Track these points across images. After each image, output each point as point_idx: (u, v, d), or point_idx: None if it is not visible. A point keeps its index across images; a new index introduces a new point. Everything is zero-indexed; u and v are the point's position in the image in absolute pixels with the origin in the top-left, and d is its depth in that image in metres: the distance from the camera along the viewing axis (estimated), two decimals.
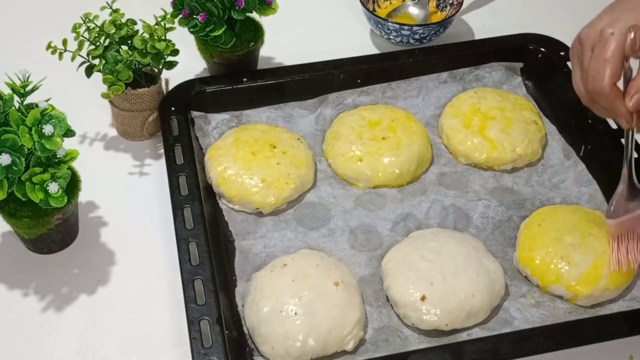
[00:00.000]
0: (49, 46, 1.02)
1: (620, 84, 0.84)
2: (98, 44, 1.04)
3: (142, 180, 1.07)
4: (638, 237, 0.90)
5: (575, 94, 1.10)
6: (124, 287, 0.95)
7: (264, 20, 1.13)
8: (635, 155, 0.91)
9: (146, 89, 1.06)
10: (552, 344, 0.84)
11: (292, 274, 0.90)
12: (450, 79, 1.17)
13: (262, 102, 1.12)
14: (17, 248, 0.98)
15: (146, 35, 1.03)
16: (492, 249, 0.98)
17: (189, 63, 1.16)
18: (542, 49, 1.16)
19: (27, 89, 0.88)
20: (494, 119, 1.08)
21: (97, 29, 1.03)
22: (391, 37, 1.24)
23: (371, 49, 1.28)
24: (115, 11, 1.04)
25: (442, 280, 0.89)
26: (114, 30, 1.03)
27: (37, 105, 0.86)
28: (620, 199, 0.90)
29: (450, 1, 1.28)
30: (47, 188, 0.86)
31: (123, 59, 1.01)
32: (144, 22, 1.04)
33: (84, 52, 1.04)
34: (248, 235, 0.99)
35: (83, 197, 0.98)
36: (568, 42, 1.17)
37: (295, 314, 0.86)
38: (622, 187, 0.90)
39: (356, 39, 1.30)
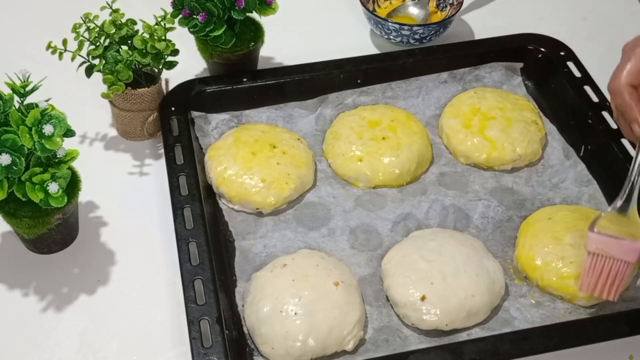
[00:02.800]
0: (49, 46, 1.02)
1: None
2: (98, 44, 1.04)
3: (142, 180, 1.07)
4: (609, 271, 0.85)
5: (575, 94, 1.10)
6: (124, 287, 0.95)
7: (264, 20, 1.13)
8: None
9: (146, 89, 1.06)
10: (552, 344, 0.84)
11: (292, 274, 0.90)
12: (450, 79, 1.17)
13: (262, 102, 1.12)
14: (17, 248, 0.98)
15: (146, 35, 1.03)
16: (492, 249, 0.98)
17: (189, 63, 1.16)
18: (542, 49, 1.16)
19: (27, 89, 0.88)
20: (494, 119, 1.08)
21: (97, 29, 1.03)
22: (391, 37, 1.24)
23: (371, 49, 1.28)
24: (115, 11, 1.04)
25: (442, 280, 0.89)
26: (114, 30, 1.03)
27: (37, 105, 0.86)
28: (610, 217, 0.86)
29: (450, 1, 1.28)
30: (47, 188, 0.86)
31: (123, 59, 1.01)
32: (144, 22, 1.04)
33: (84, 52, 1.04)
34: (248, 235, 0.99)
35: (83, 197, 0.98)
36: (568, 42, 1.17)
37: (295, 314, 0.86)
38: (617, 204, 0.86)
39: (356, 39, 1.30)
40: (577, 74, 1.12)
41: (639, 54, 0.81)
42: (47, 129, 0.85)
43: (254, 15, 1.11)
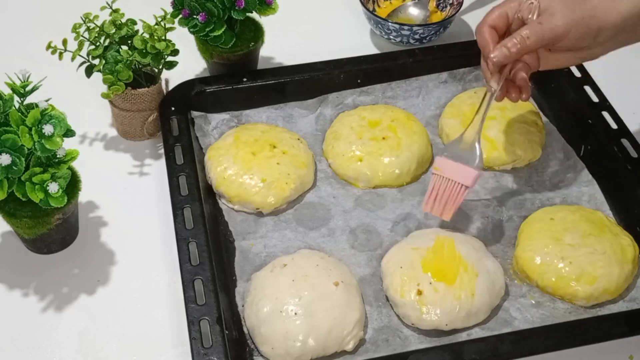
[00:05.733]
0: (49, 46, 1.02)
1: None
2: (98, 44, 1.04)
3: (142, 180, 1.07)
4: (449, 193, 0.92)
5: (575, 94, 1.11)
6: (124, 287, 0.95)
7: (264, 20, 1.13)
8: None
9: (146, 89, 1.06)
10: (552, 344, 0.84)
11: (292, 274, 0.90)
12: (450, 79, 1.17)
13: (262, 102, 1.12)
14: (17, 248, 0.98)
15: (146, 35, 1.03)
16: (492, 249, 0.98)
17: (189, 63, 1.16)
18: None
19: (27, 89, 0.88)
20: (494, 119, 1.08)
21: (97, 29, 1.03)
22: (391, 37, 1.24)
23: (371, 49, 1.28)
24: (115, 11, 1.04)
25: (441, 280, 0.89)
26: (114, 30, 1.03)
27: (37, 105, 0.86)
28: (456, 144, 0.94)
29: (450, 1, 1.28)
30: (47, 188, 0.86)
31: (123, 59, 1.01)
32: (144, 22, 1.04)
33: (84, 52, 1.04)
34: (248, 235, 0.99)
35: (83, 197, 0.98)
36: None
37: (295, 314, 0.86)
38: (464, 136, 0.93)
39: (356, 39, 1.30)
40: (577, 74, 1.12)
41: (510, 2, 0.88)
42: (47, 129, 0.85)
43: (254, 15, 1.11)
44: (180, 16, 1.07)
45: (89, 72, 1.05)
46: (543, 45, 0.86)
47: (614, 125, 1.05)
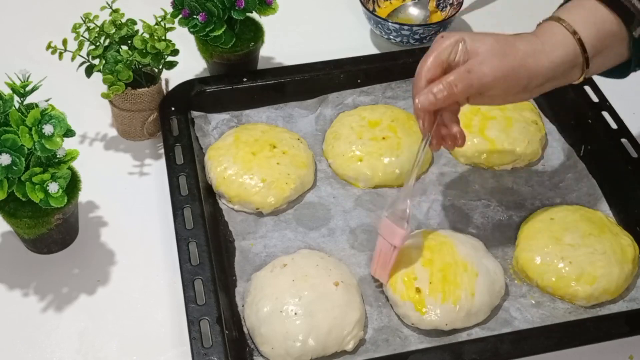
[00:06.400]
0: (49, 46, 1.02)
1: None
2: (98, 44, 1.04)
3: (142, 180, 1.07)
4: (386, 252, 0.89)
5: (575, 94, 1.11)
6: (124, 287, 0.95)
7: (264, 20, 1.14)
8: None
9: (146, 89, 1.06)
10: (552, 344, 0.84)
11: (292, 274, 0.90)
12: None
13: (262, 102, 1.12)
14: (17, 248, 0.98)
15: (146, 35, 1.03)
16: (492, 249, 0.98)
17: (189, 63, 1.16)
18: None
19: (27, 89, 0.88)
20: (494, 119, 1.08)
21: (97, 29, 1.03)
22: (391, 37, 1.25)
23: (371, 49, 1.28)
24: (115, 11, 1.04)
25: (441, 280, 0.89)
26: (114, 30, 1.03)
27: (37, 105, 0.86)
28: (395, 203, 0.90)
29: (450, 1, 1.28)
30: (47, 188, 0.86)
31: (123, 59, 1.01)
32: (144, 22, 1.04)
33: (84, 52, 1.04)
34: (248, 235, 0.99)
35: (83, 197, 0.98)
36: None
37: (295, 314, 0.86)
38: (400, 194, 0.89)
39: (356, 39, 1.30)
40: None
41: (441, 43, 0.83)
42: (47, 129, 0.85)
43: (254, 15, 1.11)
44: (180, 16, 1.07)
45: (89, 72, 1.05)
46: (471, 94, 0.82)
47: (614, 125, 1.05)
